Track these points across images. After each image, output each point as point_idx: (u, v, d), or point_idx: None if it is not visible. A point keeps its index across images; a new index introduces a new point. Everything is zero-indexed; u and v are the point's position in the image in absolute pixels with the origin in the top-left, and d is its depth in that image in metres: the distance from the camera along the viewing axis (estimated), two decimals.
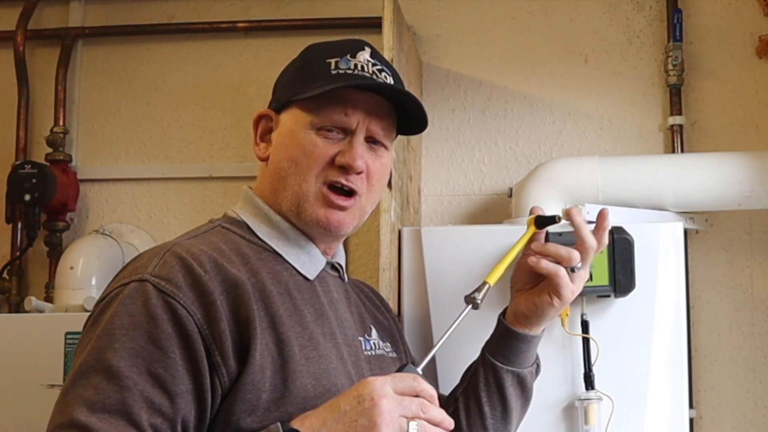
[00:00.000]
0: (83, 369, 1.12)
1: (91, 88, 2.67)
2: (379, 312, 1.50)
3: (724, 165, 2.10)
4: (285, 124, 1.33)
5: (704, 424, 2.28)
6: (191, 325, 1.15)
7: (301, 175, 1.29)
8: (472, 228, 1.95)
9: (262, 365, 1.17)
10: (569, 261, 1.44)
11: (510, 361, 1.50)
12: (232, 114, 2.58)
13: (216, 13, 2.62)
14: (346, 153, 1.29)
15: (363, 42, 1.37)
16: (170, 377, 1.12)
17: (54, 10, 2.70)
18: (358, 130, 1.30)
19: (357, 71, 1.31)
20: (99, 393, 1.09)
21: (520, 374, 1.51)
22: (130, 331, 1.13)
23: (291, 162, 1.30)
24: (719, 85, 2.40)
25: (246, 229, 1.33)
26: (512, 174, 2.41)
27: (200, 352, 1.15)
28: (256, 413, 1.16)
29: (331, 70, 1.31)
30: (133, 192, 2.61)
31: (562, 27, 2.47)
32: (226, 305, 1.18)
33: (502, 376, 1.49)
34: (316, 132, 1.30)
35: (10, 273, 2.58)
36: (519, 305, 1.49)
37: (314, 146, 1.29)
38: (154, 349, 1.12)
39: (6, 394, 2.16)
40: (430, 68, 2.49)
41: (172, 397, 1.12)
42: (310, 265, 1.34)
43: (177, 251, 1.21)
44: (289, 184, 1.30)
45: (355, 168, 1.29)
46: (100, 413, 1.08)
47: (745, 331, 2.31)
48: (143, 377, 1.11)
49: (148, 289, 1.16)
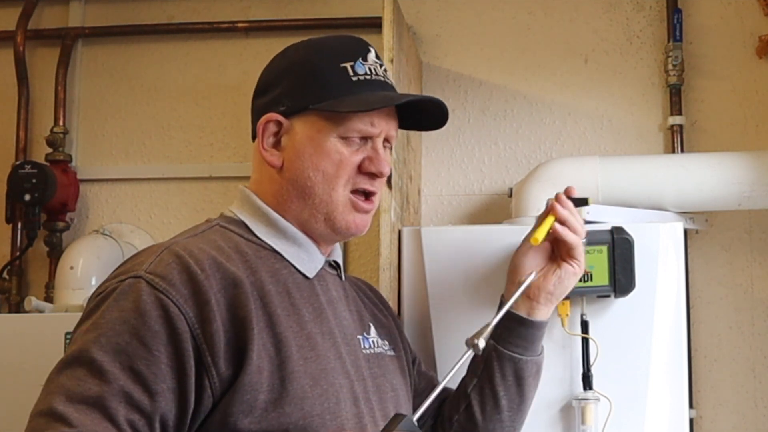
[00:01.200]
0: (69, 360, 1.14)
1: (91, 88, 2.67)
2: (378, 310, 1.50)
3: (724, 165, 2.10)
4: (302, 131, 1.31)
5: (704, 424, 2.28)
6: (182, 323, 1.15)
7: (330, 185, 1.30)
8: (472, 228, 1.95)
9: (260, 366, 1.17)
10: (582, 234, 1.52)
11: (528, 351, 1.52)
12: (232, 114, 2.58)
13: (216, 13, 2.63)
14: (375, 160, 1.31)
15: (364, 41, 1.37)
16: (152, 375, 1.13)
17: (54, 10, 2.70)
18: (379, 136, 1.33)
19: (373, 76, 1.32)
20: (80, 385, 1.10)
21: (538, 362, 1.54)
22: (117, 326, 1.14)
23: (317, 171, 1.30)
24: (719, 85, 2.40)
25: (244, 228, 1.33)
26: (512, 174, 2.41)
27: (188, 352, 1.15)
28: (253, 414, 1.16)
29: (350, 77, 1.31)
30: (133, 192, 2.61)
31: (562, 27, 2.47)
32: (223, 304, 1.18)
33: (522, 367, 1.51)
34: (340, 140, 1.30)
35: (10, 273, 2.59)
36: (539, 284, 1.51)
37: (341, 155, 1.30)
38: (139, 346, 1.13)
39: (6, 394, 2.16)
40: (430, 68, 2.49)
41: (152, 395, 1.12)
42: (309, 263, 1.33)
43: (175, 249, 1.21)
44: (316, 194, 1.31)
45: (384, 174, 1.32)
46: (78, 404, 1.09)
47: (745, 331, 2.31)
48: (125, 373, 1.11)
49: (141, 285, 1.16)
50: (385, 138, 1.34)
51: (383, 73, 1.35)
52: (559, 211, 1.50)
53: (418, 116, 1.40)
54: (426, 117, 1.40)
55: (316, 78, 1.32)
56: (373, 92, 1.31)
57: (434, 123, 1.42)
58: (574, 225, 1.51)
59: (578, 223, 1.52)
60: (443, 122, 1.41)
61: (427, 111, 1.39)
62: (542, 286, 1.51)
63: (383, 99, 1.31)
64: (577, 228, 1.51)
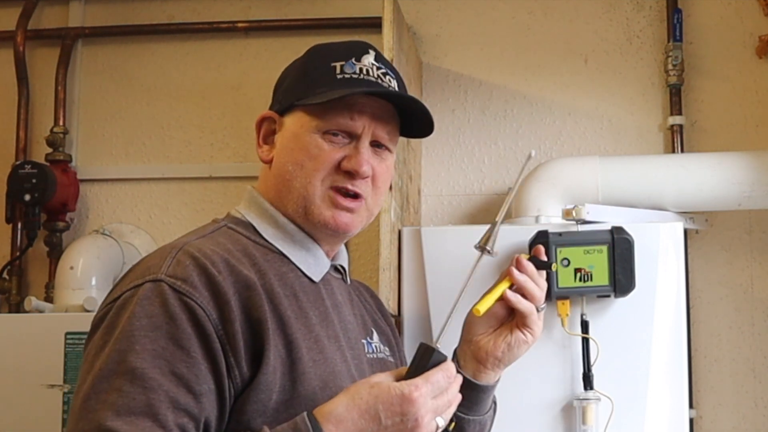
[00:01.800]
0: (104, 373, 1.11)
1: (91, 88, 2.67)
2: (378, 316, 1.50)
3: (724, 165, 2.10)
4: (289, 127, 1.33)
5: (704, 424, 2.28)
6: (208, 325, 1.15)
7: (306, 178, 1.29)
8: (472, 228, 1.96)
9: (274, 366, 1.17)
10: (539, 301, 1.45)
11: (472, 411, 1.47)
12: (232, 114, 2.58)
13: (216, 13, 2.62)
14: (353, 158, 1.29)
15: (367, 45, 1.37)
16: (194, 377, 1.12)
17: (54, 10, 2.70)
18: (363, 134, 1.30)
19: (363, 76, 1.31)
20: (123, 396, 1.08)
21: (481, 421, 1.49)
22: (150, 332, 1.13)
23: (296, 165, 1.30)
24: (719, 85, 2.40)
25: (252, 230, 1.32)
26: (512, 174, 2.41)
27: (219, 352, 1.15)
28: (266, 414, 1.16)
29: (336, 75, 1.31)
30: (133, 192, 2.61)
31: (562, 27, 2.47)
32: (239, 306, 1.18)
33: (464, 427, 1.47)
34: (322, 136, 1.30)
35: (10, 273, 2.58)
36: (488, 349, 1.45)
37: (320, 150, 1.29)
38: (176, 349, 1.12)
39: (6, 394, 2.16)
40: (430, 68, 2.49)
41: (197, 397, 1.12)
42: (316, 267, 1.33)
43: (189, 251, 1.20)
44: (294, 187, 1.30)
45: (362, 174, 1.29)
46: (126, 416, 1.07)
47: (745, 331, 2.31)
48: (167, 378, 1.10)
49: (164, 288, 1.15)
50: (376, 140, 1.32)
51: (379, 75, 1.33)
52: (515, 277, 1.44)
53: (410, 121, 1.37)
54: (416, 122, 1.38)
55: (305, 77, 1.33)
56: (351, 88, 1.29)
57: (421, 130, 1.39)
58: (532, 291, 1.44)
59: (536, 289, 1.44)
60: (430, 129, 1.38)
61: (416, 116, 1.36)
62: (490, 351, 1.45)
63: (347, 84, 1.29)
64: (534, 294, 1.44)
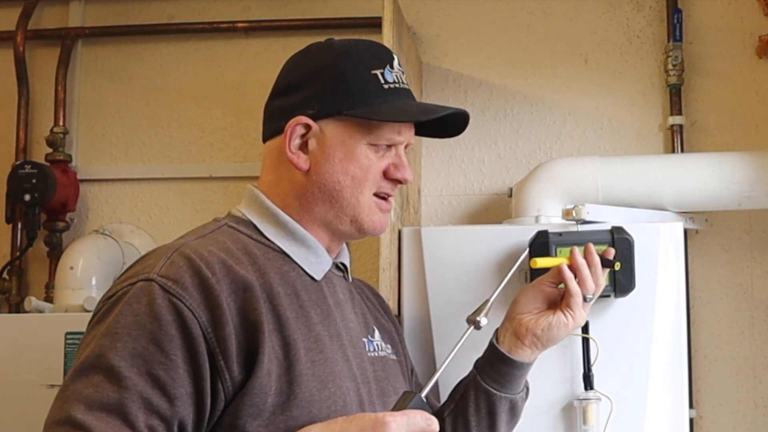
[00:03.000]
0: (84, 366, 1.12)
1: (91, 88, 2.67)
2: (380, 313, 1.51)
3: (724, 165, 2.10)
4: (333, 136, 1.32)
5: (704, 424, 2.28)
6: (196, 327, 1.15)
7: (358, 188, 1.33)
8: (472, 228, 1.96)
9: (269, 369, 1.17)
10: (589, 288, 1.52)
11: (504, 388, 1.50)
12: (232, 114, 2.58)
13: (216, 13, 2.62)
14: (400, 168, 1.36)
15: (388, 48, 1.41)
16: (170, 379, 1.12)
17: (54, 10, 2.70)
18: (402, 143, 1.37)
19: (400, 84, 1.36)
20: (98, 391, 1.09)
21: (513, 400, 1.51)
22: (133, 330, 1.13)
23: (347, 176, 1.32)
24: (719, 85, 2.40)
25: (253, 229, 1.33)
26: (512, 174, 2.41)
27: (203, 356, 1.14)
28: (261, 417, 1.16)
29: (382, 85, 1.33)
30: (133, 192, 2.61)
31: (562, 27, 2.47)
32: (233, 308, 1.18)
33: (495, 403, 1.50)
34: (368, 146, 1.33)
35: (10, 273, 2.58)
36: (529, 326, 1.50)
37: (369, 161, 1.33)
38: (156, 351, 1.12)
39: (6, 394, 2.16)
40: (430, 68, 2.49)
41: (171, 400, 1.12)
42: (318, 265, 1.34)
43: (185, 252, 1.21)
44: (344, 197, 1.33)
45: (409, 181, 1.38)
46: (97, 411, 1.08)
47: (745, 331, 2.30)
48: (143, 378, 1.11)
49: (154, 288, 1.16)
50: (405, 144, 1.38)
51: (406, 81, 1.38)
52: (575, 256, 1.52)
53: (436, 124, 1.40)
54: (447, 126, 1.42)
55: (348, 84, 1.32)
56: (403, 101, 1.34)
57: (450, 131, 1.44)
58: (584, 276, 1.51)
59: (589, 277, 1.52)
60: (460, 131, 1.44)
61: (449, 120, 1.41)
62: (530, 328, 1.50)
63: (423, 111, 1.37)
64: (585, 280, 1.51)
